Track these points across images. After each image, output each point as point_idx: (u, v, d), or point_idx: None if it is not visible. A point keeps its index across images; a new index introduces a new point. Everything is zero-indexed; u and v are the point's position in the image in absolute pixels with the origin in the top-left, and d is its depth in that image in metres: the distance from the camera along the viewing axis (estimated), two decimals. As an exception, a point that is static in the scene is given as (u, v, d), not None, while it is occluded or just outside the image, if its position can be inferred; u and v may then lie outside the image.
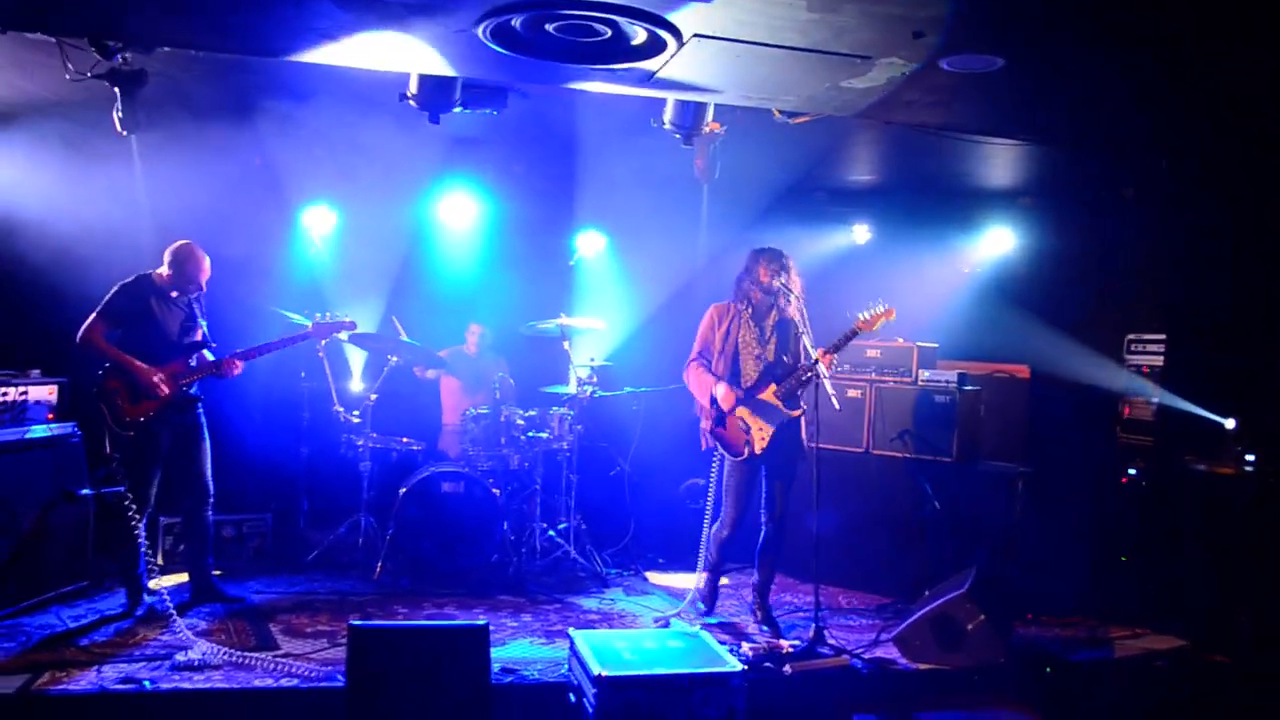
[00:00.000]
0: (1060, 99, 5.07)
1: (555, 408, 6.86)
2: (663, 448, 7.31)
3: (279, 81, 5.59)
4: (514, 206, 7.88)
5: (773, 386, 5.47)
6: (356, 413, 6.76)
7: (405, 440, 6.86)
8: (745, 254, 5.63)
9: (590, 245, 8.12)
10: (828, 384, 5.21)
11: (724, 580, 5.89)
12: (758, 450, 5.45)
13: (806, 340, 5.33)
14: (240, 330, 6.13)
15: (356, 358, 7.62)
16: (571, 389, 6.88)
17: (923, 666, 5.30)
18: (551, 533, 6.84)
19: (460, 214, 7.84)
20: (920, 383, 6.70)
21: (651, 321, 7.81)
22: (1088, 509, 6.65)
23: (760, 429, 5.46)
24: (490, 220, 7.95)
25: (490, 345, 7.56)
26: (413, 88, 5.12)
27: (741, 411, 5.46)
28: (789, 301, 5.47)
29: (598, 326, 7.08)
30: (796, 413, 5.48)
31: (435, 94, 5.12)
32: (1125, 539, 6.46)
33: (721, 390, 5.45)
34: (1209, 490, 6.06)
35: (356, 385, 7.46)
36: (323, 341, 6.31)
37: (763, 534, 5.64)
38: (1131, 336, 6.85)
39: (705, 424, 5.61)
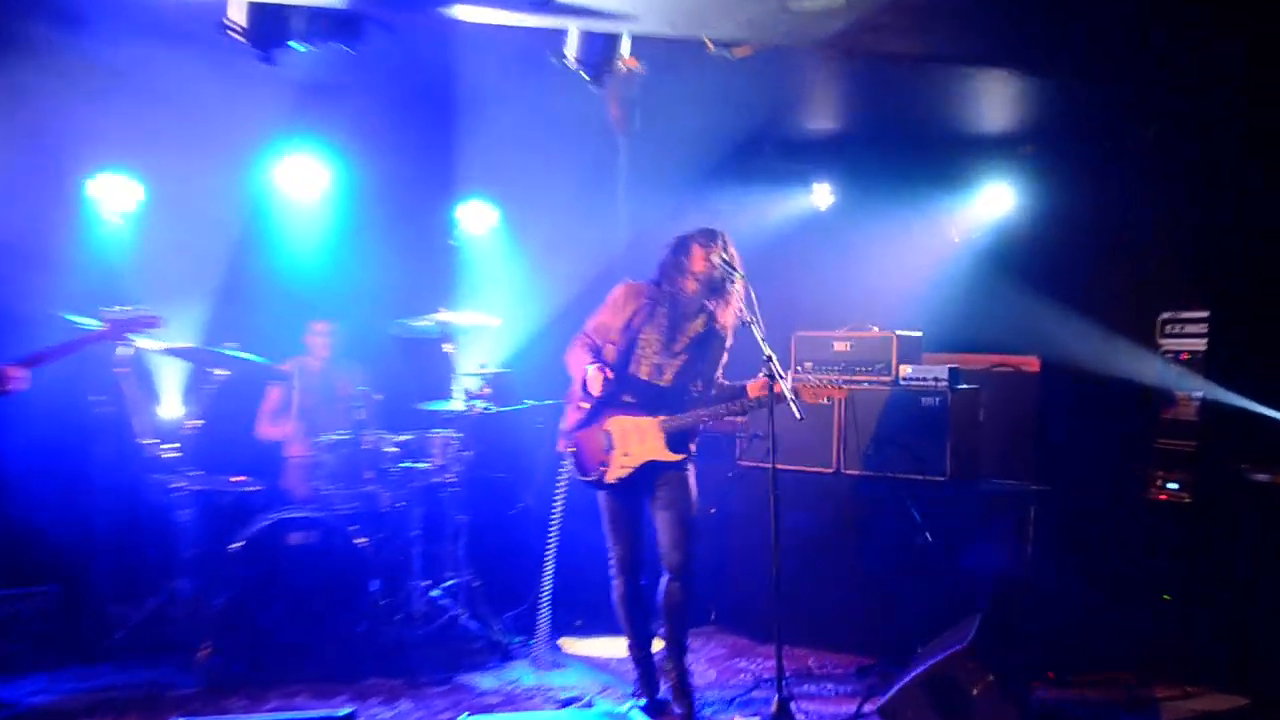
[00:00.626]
0: (1066, 19, 5.20)
1: (436, 429, 6.84)
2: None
3: (52, 5, 5.49)
4: (376, 171, 7.84)
5: (661, 417, 5.45)
6: (172, 446, 6.64)
7: (238, 479, 6.76)
8: (673, 236, 5.65)
9: (477, 220, 8.08)
10: (785, 387, 5.17)
11: (657, 644, 5.82)
12: (609, 479, 5.49)
13: (757, 331, 5.32)
14: (3, 341, 5.93)
15: (170, 374, 7.48)
16: (457, 404, 6.85)
17: (918, 745, 5.32)
18: (436, 592, 6.78)
19: (306, 182, 7.76)
20: (902, 382, 6.73)
21: (560, 317, 7.71)
22: (1119, 535, 6.73)
23: (624, 455, 5.48)
24: (344, 189, 7.88)
25: (343, 350, 7.47)
26: (237, 16, 5.03)
27: (612, 423, 5.49)
28: (727, 303, 5.46)
29: (489, 324, 7.06)
30: (677, 457, 5.48)
31: (267, 25, 5.05)
32: (1167, 572, 6.52)
33: (592, 371, 5.43)
34: (1270, 506, 6.08)
35: (171, 410, 7.34)
36: (122, 351, 6.17)
37: (661, 581, 5.64)
38: (1167, 315, 6.91)
39: (568, 419, 5.64)
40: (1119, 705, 5.90)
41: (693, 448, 5.56)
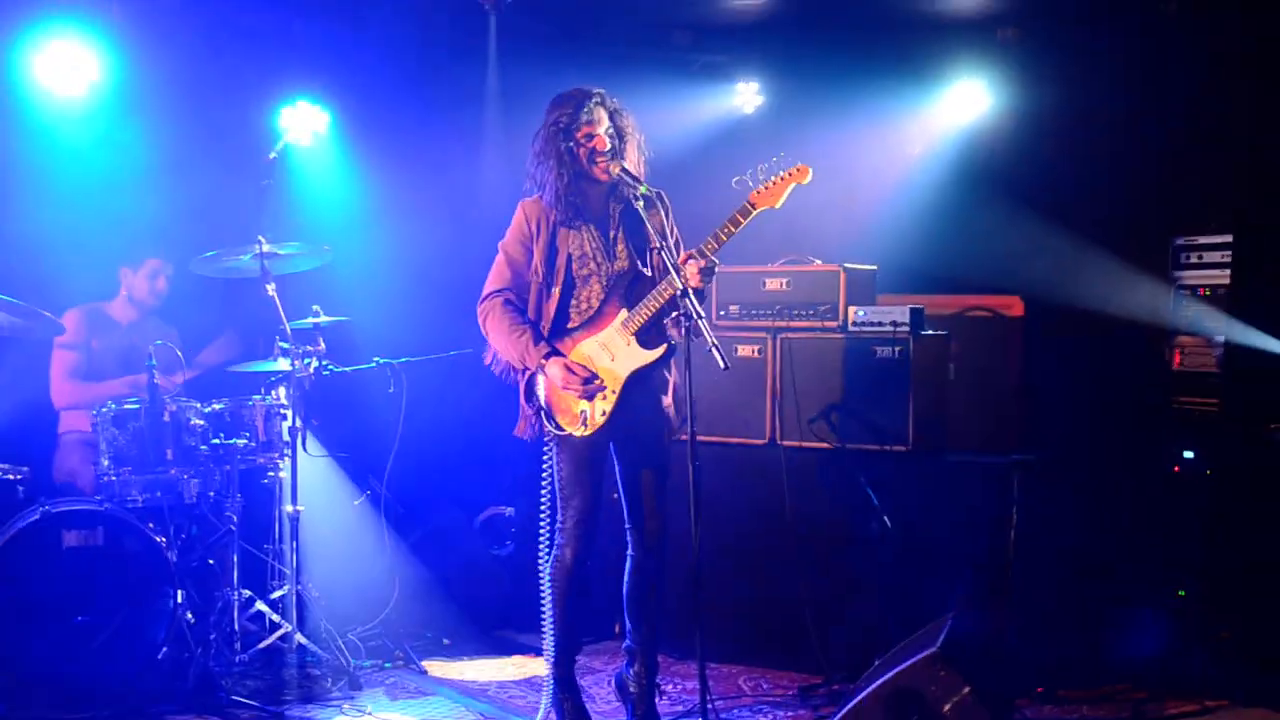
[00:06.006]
0: None
1: (257, 396, 6.83)
2: (443, 455, 7.48)
3: None
4: (166, 60, 7.55)
5: (622, 312, 5.47)
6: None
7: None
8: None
9: (304, 124, 7.85)
10: (704, 325, 5.10)
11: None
12: (596, 421, 5.49)
13: (667, 258, 5.22)
14: None
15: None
16: (283, 363, 6.76)
17: (876, 777, 5.33)
18: (262, 606, 6.71)
19: (71, 73, 7.31)
20: (852, 328, 6.77)
21: (415, 245, 7.73)
22: (1122, 518, 6.72)
23: (603, 388, 5.49)
24: (121, 82, 7.50)
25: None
26: None
27: (581, 353, 5.51)
28: (623, 155, 5.49)
29: (321, 258, 6.98)
30: (655, 353, 5.47)
31: None
32: (1183, 563, 6.53)
33: (535, 354, 5.47)
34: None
35: None
36: None
37: (629, 562, 5.68)
38: (1182, 241, 6.87)
39: (524, 398, 5.71)
40: (1125, 725, 5.97)
41: (672, 333, 5.42)
